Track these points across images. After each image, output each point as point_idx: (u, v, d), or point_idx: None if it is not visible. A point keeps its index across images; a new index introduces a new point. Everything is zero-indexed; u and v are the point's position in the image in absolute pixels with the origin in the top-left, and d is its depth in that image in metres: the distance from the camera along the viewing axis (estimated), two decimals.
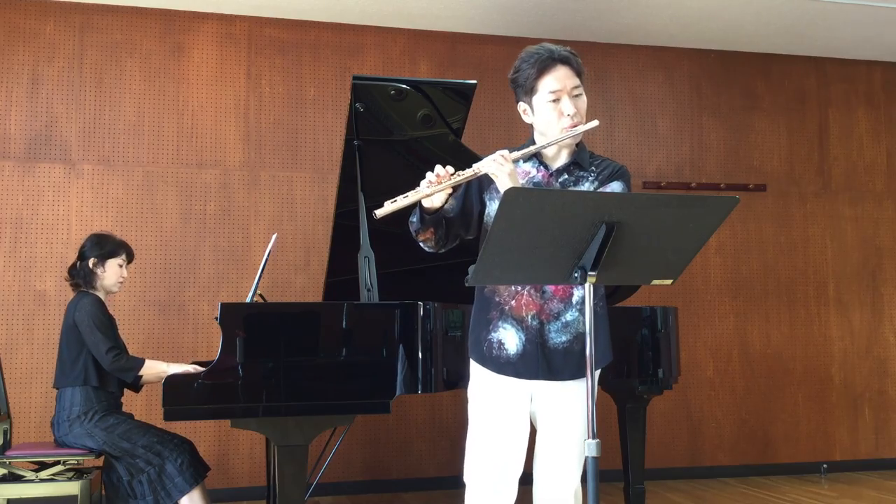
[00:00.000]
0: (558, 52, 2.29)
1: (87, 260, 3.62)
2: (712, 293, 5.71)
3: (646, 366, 3.65)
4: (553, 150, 2.36)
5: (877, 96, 6.10)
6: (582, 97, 2.31)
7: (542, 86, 2.28)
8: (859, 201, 6.00)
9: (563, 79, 2.27)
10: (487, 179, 2.34)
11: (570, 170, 2.35)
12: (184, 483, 3.37)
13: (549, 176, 2.35)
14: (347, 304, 3.07)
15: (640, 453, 3.79)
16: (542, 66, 2.27)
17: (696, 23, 5.41)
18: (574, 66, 2.30)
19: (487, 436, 2.31)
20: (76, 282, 3.64)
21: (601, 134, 5.64)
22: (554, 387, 2.28)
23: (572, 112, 2.27)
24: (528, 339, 2.27)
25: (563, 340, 2.27)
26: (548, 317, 2.27)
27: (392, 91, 3.65)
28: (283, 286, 5.07)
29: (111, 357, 3.42)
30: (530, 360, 2.26)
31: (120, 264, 3.67)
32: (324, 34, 5.31)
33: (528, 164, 2.38)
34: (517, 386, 2.29)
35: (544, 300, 2.27)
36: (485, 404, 2.33)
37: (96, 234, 3.72)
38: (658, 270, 2.06)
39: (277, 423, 2.93)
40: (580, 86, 2.30)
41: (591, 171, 2.35)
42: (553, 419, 2.30)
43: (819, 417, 5.78)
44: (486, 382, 2.33)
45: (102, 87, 4.99)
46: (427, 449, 5.15)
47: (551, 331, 2.27)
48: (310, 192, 5.19)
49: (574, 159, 2.35)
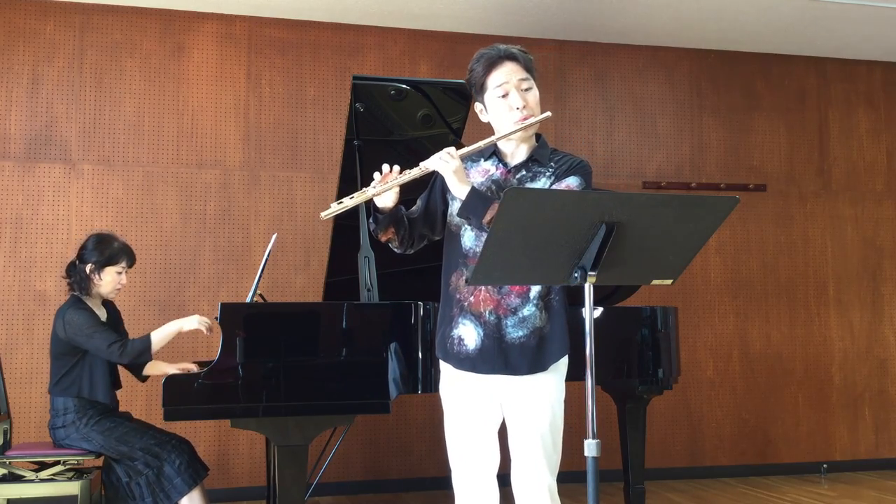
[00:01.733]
0: (505, 50, 2.35)
1: (86, 264, 3.52)
2: (712, 293, 5.71)
3: (646, 366, 3.65)
4: (512, 147, 2.40)
5: (877, 96, 6.10)
6: (532, 91, 2.35)
7: (491, 82, 2.33)
8: (859, 201, 6.00)
9: (510, 73, 2.32)
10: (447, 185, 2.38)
11: (529, 166, 2.38)
12: (183, 484, 3.36)
13: (508, 172, 2.38)
14: (347, 304, 3.07)
15: (640, 453, 3.78)
16: (489, 64, 2.33)
17: (696, 23, 5.41)
18: (521, 62, 2.35)
19: (456, 430, 2.38)
20: (72, 283, 3.55)
21: (601, 134, 5.65)
22: (513, 382, 2.32)
23: (520, 105, 2.31)
24: (486, 334, 2.31)
25: (519, 335, 2.30)
26: (505, 311, 2.31)
27: (392, 91, 3.65)
28: (283, 286, 5.07)
29: (117, 350, 3.35)
30: (488, 354, 2.31)
31: (119, 271, 3.56)
32: (324, 34, 5.31)
33: (488, 162, 2.41)
34: (477, 381, 2.34)
35: (501, 295, 2.31)
36: (450, 400, 2.40)
37: (99, 235, 3.60)
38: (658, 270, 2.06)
39: (277, 423, 2.94)
40: (529, 79, 2.35)
41: (550, 166, 2.37)
42: (515, 414, 2.34)
43: (819, 417, 5.78)
44: (451, 378, 2.40)
45: (102, 87, 4.99)
46: (427, 449, 5.15)
47: (508, 325, 2.30)
48: (310, 192, 5.19)
49: (533, 155, 2.39)
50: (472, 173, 2.41)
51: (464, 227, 2.35)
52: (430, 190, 2.46)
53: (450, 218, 2.41)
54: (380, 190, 2.26)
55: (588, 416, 1.93)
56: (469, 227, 2.34)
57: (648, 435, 3.95)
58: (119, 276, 3.58)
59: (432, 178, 2.46)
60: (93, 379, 3.42)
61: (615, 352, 3.61)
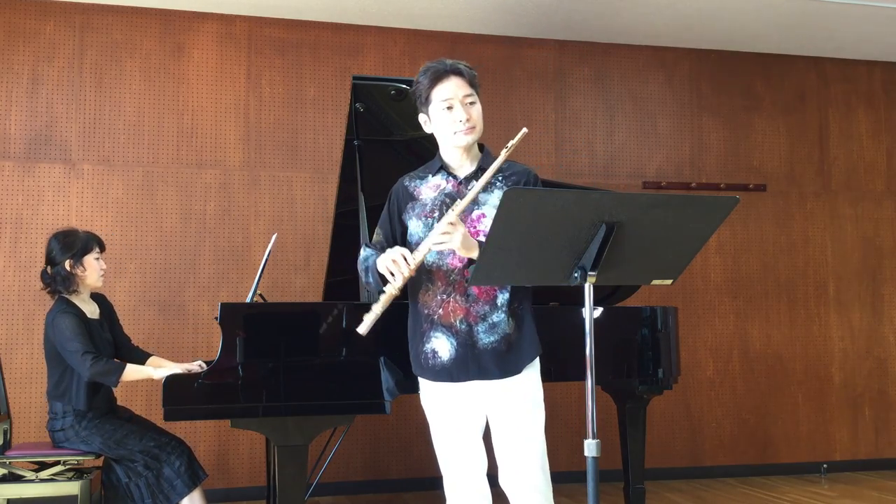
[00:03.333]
0: (451, 65, 2.41)
1: (61, 264, 3.45)
2: (712, 293, 5.71)
3: (646, 366, 3.65)
4: (457, 160, 2.46)
5: (877, 96, 6.10)
6: (476, 105, 2.41)
7: (436, 95, 2.39)
8: (859, 201, 6.00)
9: (455, 88, 2.38)
10: (402, 202, 2.46)
11: (478, 176, 2.41)
12: (182, 486, 3.36)
13: (459, 184, 2.43)
14: (347, 304, 3.07)
15: (640, 453, 3.78)
16: (435, 77, 2.39)
17: (696, 23, 5.41)
18: (466, 77, 2.41)
19: (442, 439, 2.45)
20: (55, 288, 3.47)
21: (601, 134, 5.65)
22: (490, 386, 2.38)
23: (463, 118, 2.36)
24: (458, 343, 2.37)
25: (491, 341, 2.36)
26: (475, 318, 2.36)
27: (392, 91, 3.65)
28: (283, 286, 5.07)
29: (88, 362, 3.26)
30: (462, 362, 2.37)
31: (96, 257, 3.51)
32: (324, 34, 5.31)
33: (437, 176, 2.47)
34: (456, 389, 2.40)
35: (469, 303, 2.36)
36: (433, 411, 2.46)
37: (59, 233, 3.52)
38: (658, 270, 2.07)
39: (277, 423, 2.94)
40: (473, 94, 2.41)
41: (499, 178, 2.42)
42: (497, 418, 2.40)
43: (819, 417, 5.78)
44: (430, 392, 2.46)
45: (102, 87, 4.99)
46: (427, 449, 5.10)
47: (480, 332, 2.36)
48: (310, 192, 5.19)
49: (480, 165, 2.44)
50: (424, 189, 2.47)
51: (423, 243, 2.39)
52: (388, 219, 2.51)
53: (409, 237, 2.46)
54: (400, 284, 2.29)
55: (588, 416, 1.93)
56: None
57: (648, 435, 3.95)
58: (98, 261, 3.53)
59: (386, 202, 2.52)
60: (80, 387, 3.38)
61: (615, 352, 3.61)
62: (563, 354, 3.25)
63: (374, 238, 2.56)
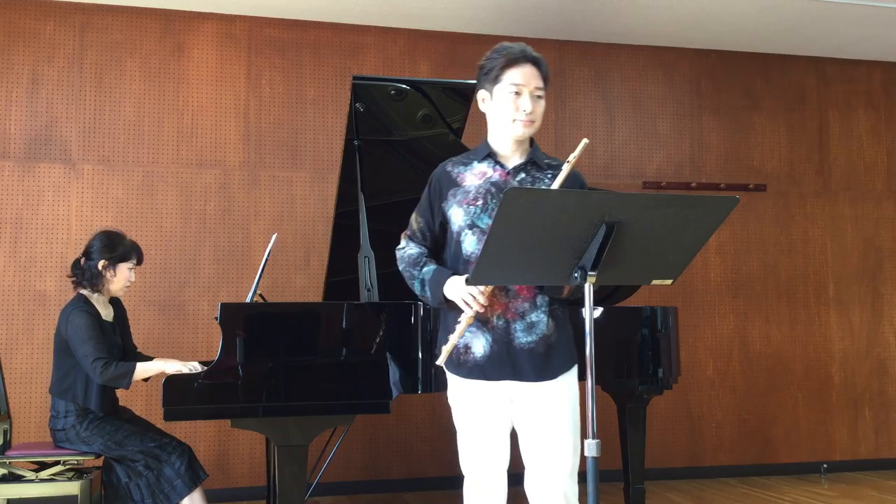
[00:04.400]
0: (531, 53, 2.34)
1: (97, 261, 3.49)
2: (712, 293, 5.71)
3: (646, 366, 3.65)
4: (509, 149, 2.38)
5: (877, 96, 6.10)
6: (542, 101, 2.35)
7: (507, 77, 2.31)
8: (859, 201, 6.00)
9: (529, 76, 2.32)
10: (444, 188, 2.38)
11: (528, 169, 2.38)
12: (183, 486, 3.36)
13: (507, 174, 2.36)
14: (347, 304, 3.07)
15: (640, 453, 3.78)
16: (512, 59, 2.32)
17: (696, 23, 5.41)
18: (542, 70, 2.35)
19: (469, 439, 2.37)
20: (80, 282, 3.51)
21: (601, 134, 5.64)
22: (524, 388, 2.31)
23: (529, 109, 2.31)
24: (494, 340, 2.29)
25: (528, 341, 2.29)
26: (513, 315, 2.29)
27: (392, 91, 3.65)
28: (283, 286, 5.07)
29: (98, 368, 3.28)
30: (496, 360, 2.29)
31: (130, 268, 3.55)
32: (324, 34, 5.31)
33: (483, 163, 2.39)
34: (488, 388, 2.32)
35: (509, 298, 2.29)
36: (462, 410, 2.38)
37: (107, 233, 3.57)
38: (658, 270, 2.06)
39: (277, 423, 2.94)
40: (543, 89, 2.35)
41: (548, 173, 2.38)
42: (527, 421, 2.33)
43: (819, 417, 5.78)
44: (460, 389, 2.38)
45: (102, 87, 4.99)
46: (427, 449, 5.15)
47: (517, 330, 2.29)
48: (310, 192, 5.19)
49: (530, 158, 2.39)
50: (468, 175, 2.39)
51: (464, 232, 2.34)
52: (429, 206, 2.43)
53: (450, 225, 2.38)
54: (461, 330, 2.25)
55: (588, 416, 1.94)
56: (471, 232, 2.32)
57: (648, 435, 3.95)
58: (130, 272, 3.57)
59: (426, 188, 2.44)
60: (88, 385, 3.39)
61: (615, 352, 3.61)
62: None
63: (414, 225, 2.47)
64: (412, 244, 2.47)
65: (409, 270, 2.43)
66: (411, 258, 2.43)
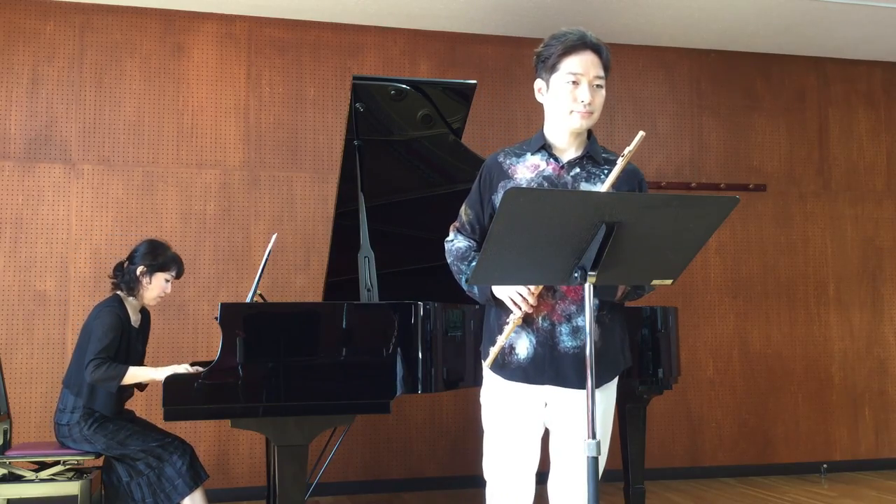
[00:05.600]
0: (591, 39, 2.23)
1: (137, 266, 3.53)
2: (712, 293, 5.71)
3: (646, 366, 3.65)
4: (564, 141, 2.29)
5: (877, 96, 6.10)
6: (602, 91, 2.24)
7: (565, 65, 2.21)
8: (859, 201, 6.00)
9: (588, 64, 2.20)
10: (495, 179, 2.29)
11: (583, 163, 2.28)
12: (184, 486, 3.37)
13: (560, 168, 2.27)
14: (347, 304, 3.07)
15: (640, 453, 3.78)
16: (571, 46, 2.20)
17: (696, 23, 5.41)
18: (603, 57, 2.23)
19: (501, 441, 2.28)
20: (118, 283, 3.56)
21: (601, 134, 5.62)
22: (564, 394, 2.23)
23: (587, 99, 2.20)
24: (538, 342, 2.21)
25: (572, 345, 2.20)
26: (559, 318, 2.20)
27: (392, 91, 3.65)
28: (283, 286, 5.07)
29: (91, 368, 3.30)
30: (540, 363, 2.21)
31: (167, 279, 3.59)
32: (324, 34, 5.31)
33: (536, 155, 2.29)
34: (528, 392, 2.24)
35: (556, 300, 2.21)
36: (497, 411, 2.30)
37: (152, 242, 3.63)
38: (658, 270, 2.06)
39: (277, 423, 2.93)
40: (603, 78, 2.23)
41: (605, 168, 2.28)
42: (560, 425, 2.27)
43: (819, 417, 5.78)
44: (498, 389, 2.29)
45: (102, 87, 4.99)
46: (427, 449, 5.15)
47: (562, 333, 2.20)
48: (310, 192, 5.19)
49: (587, 152, 2.29)
50: (520, 167, 2.29)
51: None
52: (479, 198, 2.34)
53: None
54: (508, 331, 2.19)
55: (588, 416, 1.93)
56: None
57: (648, 435, 3.95)
58: (167, 283, 3.60)
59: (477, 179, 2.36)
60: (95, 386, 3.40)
61: None
62: None
63: (463, 217, 2.38)
64: (461, 237, 2.38)
65: (456, 265, 2.34)
66: (459, 252, 2.35)
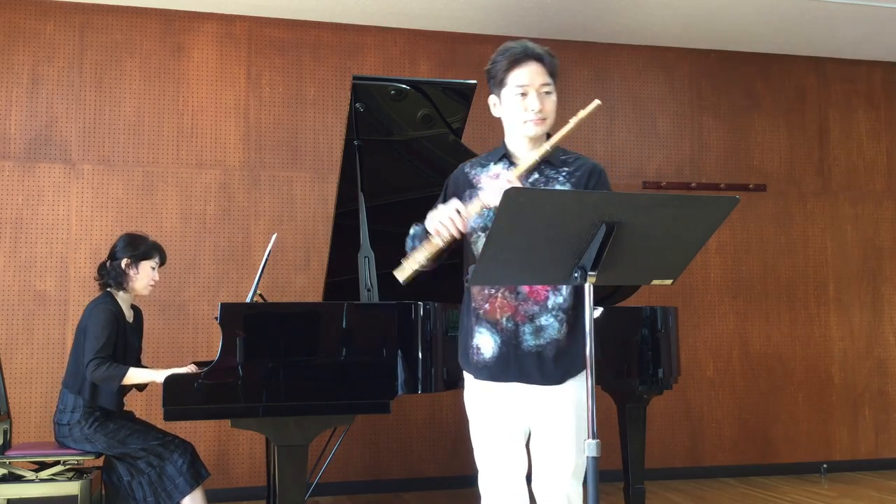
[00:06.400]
0: (533, 49, 2.30)
1: (120, 260, 3.55)
2: (712, 293, 5.71)
3: (646, 366, 3.65)
4: (522, 149, 2.36)
5: (877, 96, 6.10)
6: (551, 96, 2.33)
7: (512, 79, 2.29)
8: (859, 201, 6.00)
9: (534, 74, 2.29)
10: (460, 188, 2.36)
11: (541, 168, 2.35)
12: (185, 484, 3.37)
13: (519, 176, 2.32)
14: (347, 304, 3.07)
15: (640, 453, 3.78)
16: (514, 60, 2.29)
17: (696, 23, 5.40)
18: (546, 65, 2.31)
19: (481, 438, 2.36)
20: (106, 281, 3.57)
21: (601, 134, 5.65)
22: (531, 391, 2.29)
23: (536, 108, 2.29)
24: (502, 342, 2.27)
25: (535, 344, 2.26)
26: (522, 318, 2.26)
27: (392, 91, 3.65)
28: (283, 286, 5.07)
29: (91, 367, 3.32)
30: (503, 361, 2.28)
31: (153, 267, 3.60)
32: (324, 34, 5.31)
33: (499, 164, 2.37)
34: (499, 390, 2.31)
35: (518, 301, 2.26)
36: (474, 409, 2.38)
37: (129, 234, 3.65)
38: (658, 270, 2.06)
39: (277, 423, 2.93)
40: (550, 84, 2.32)
41: (563, 170, 2.37)
42: (536, 424, 2.32)
43: (819, 417, 5.78)
44: (472, 389, 2.38)
45: (102, 87, 4.99)
46: (427, 449, 5.15)
47: (525, 333, 2.26)
48: (310, 192, 5.19)
49: (544, 157, 2.35)
50: (484, 177, 2.37)
51: (476, 233, 2.31)
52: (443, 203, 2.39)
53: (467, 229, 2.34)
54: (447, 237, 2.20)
55: (588, 416, 1.93)
56: (483, 234, 2.29)
57: (648, 435, 3.94)
58: (153, 271, 3.62)
59: (443, 191, 2.44)
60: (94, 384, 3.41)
61: (615, 352, 3.61)
62: None
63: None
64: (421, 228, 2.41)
65: (409, 244, 2.36)
66: (414, 235, 2.37)
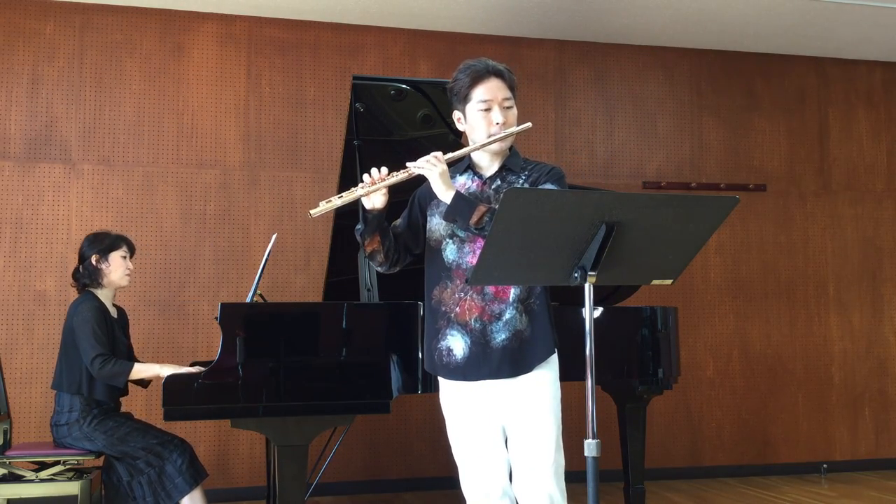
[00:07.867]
0: (494, 66, 2.43)
1: (89, 259, 3.56)
2: (712, 293, 5.71)
3: (646, 366, 3.65)
4: (486, 160, 2.46)
5: (877, 96, 6.10)
6: (512, 109, 2.43)
7: (475, 95, 2.41)
8: (859, 201, 6.00)
9: (495, 90, 2.40)
10: (428, 196, 2.45)
11: (503, 175, 2.44)
12: (184, 484, 3.37)
13: (483, 184, 2.44)
14: (347, 304, 3.07)
15: (640, 453, 3.79)
16: (476, 77, 2.41)
17: (696, 23, 5.40)
18: (506, 80, 2.43)
19: (458, 439, 2.43)
20: (82, 283, 3.58)
21: (601, 134, 5.65)
22: (503, 386, 2.35)
23: (501, 121, 2.38)
24: (472, 342, 2.36)
25: (502, 339, 2.34)
26: (490, 318, 2.35)
27: (392, 91, 3.65)
28: (283, 286, 5.07)
29: (97, 365, 3.35)
30: (474, 360, 2.35)
31: (123, 256, 3.61)
32: (324, 34, 5.31)
33: (463, 176, 2.48)
34: (472, 389, 2.38)
35: (485, 302, 2.35)
36: (448, 412, 2.45)
37: (92, 233, 3.68)
38: (658, 270, 2.06)
39: (277, 423, 2.94)
40: (511, 98, 2.43)
41: (523, 175, 2.44)
42: (509, 419, 2.37)
43: (819, 417, 5.78)
44: (446, 391, 2.45)
45: (102, 87, 4.99)
46: (427, 449, 5.15)
47: (493, 331, 2.34)
48: (310, 192, 5.19)
49: (505, 164, 2.45)
50: None
51: (445, 241, 2.40)
52: (409, 205, 2.53)
53: (429, 233, 2.46)
54: (368, 191, 2.35)
55: (588, 416, 1.94)
56: (451, 241, 2.39)
57: (648, 435, 3.95)
58: (125, 260, 3.62)
59: (412, 196, 2.53)
60: (93, 379, 3.42)
61: (615, 352, 3.61)
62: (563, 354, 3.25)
63: (396, 221, 2.55)
64: None
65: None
66: None
